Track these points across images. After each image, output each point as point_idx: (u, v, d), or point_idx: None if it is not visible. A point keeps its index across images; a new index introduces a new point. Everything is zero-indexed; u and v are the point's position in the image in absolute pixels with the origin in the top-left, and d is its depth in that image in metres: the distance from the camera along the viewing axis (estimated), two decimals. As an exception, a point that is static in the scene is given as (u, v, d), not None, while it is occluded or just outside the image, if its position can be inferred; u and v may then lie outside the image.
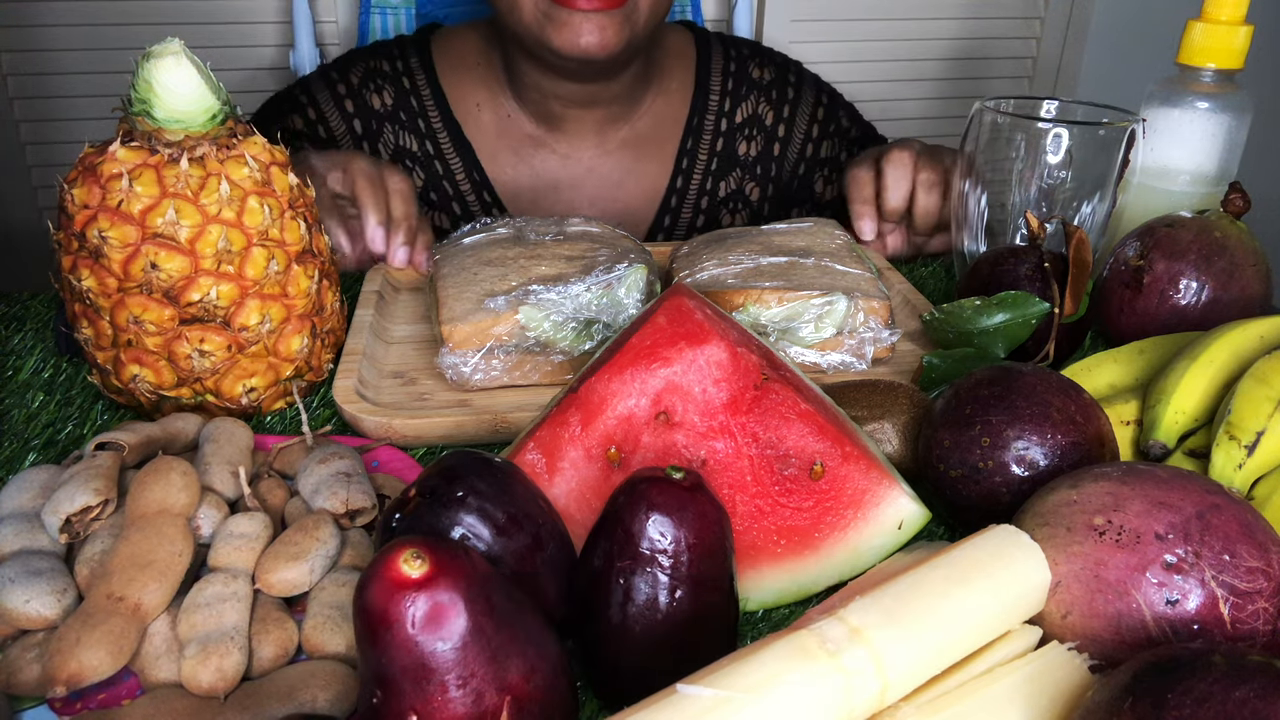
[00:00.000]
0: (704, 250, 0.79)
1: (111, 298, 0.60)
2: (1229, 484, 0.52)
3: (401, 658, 0.35)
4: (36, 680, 0.44)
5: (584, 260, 0.73)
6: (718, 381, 0.52)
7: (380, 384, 0.69)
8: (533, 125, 1.06)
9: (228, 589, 0.46)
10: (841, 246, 0.78)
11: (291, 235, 0.63)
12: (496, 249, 0.76)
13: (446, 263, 0.75)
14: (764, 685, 0.34)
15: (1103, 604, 0.42)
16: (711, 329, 0.53)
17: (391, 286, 0.83)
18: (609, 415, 0.52)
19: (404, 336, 0.77)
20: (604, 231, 0.79)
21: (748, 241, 0.78)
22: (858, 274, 0.74)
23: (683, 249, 0.82)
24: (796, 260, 0.75)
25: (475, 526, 0.43)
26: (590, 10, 0.89)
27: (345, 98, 1.05)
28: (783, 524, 0.51)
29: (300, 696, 0.42)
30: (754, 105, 1.11)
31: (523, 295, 0.67)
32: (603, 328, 0.68)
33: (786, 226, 0.82)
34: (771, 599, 0.51)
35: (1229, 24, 0.78)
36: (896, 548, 0.52)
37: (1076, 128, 0.76)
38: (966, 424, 0.52)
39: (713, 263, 0.75)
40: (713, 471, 0.52)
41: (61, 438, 0.64)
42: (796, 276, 0.72)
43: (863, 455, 0.52)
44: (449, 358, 0.67)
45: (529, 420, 0.62)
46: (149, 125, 0.59)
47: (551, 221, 0.80)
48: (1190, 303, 0.69)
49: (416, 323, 0.79)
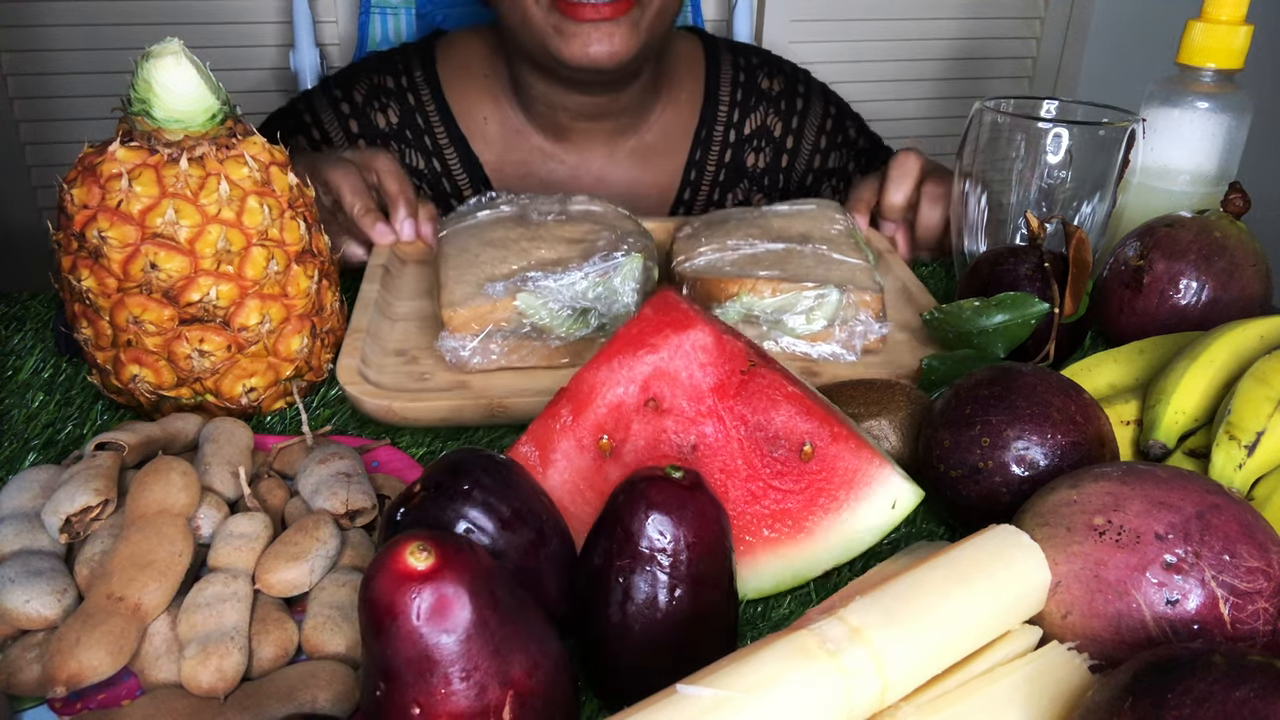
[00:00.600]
0: (704, 232, 0.79)
1: (111, 298, 0.60)
2: (1229, 484, 0.52)
3: (406, 649, 0.35)
4: (36, 680, 0.44)
5: (584, 244, 0.74)
6: (704, 366, 0.52)
7: (383, 362, 0.71)
8: (541, 137, 1.05)
9: (228, 589, 0.46)
10: (841, 233, 0.78)
11: (291, 235, 0.64)
12: (499, 229, 0.76)
13: (450, 241, 0.76)
14: (764, 685, 0.34)
15: (1103, 604, 0.42)
16: (696, 315, 0.53)
17: (398, 259, 0.84)
18: (599, 404, 0.53)
19: (408, 313, 0.78)
20: (606, 210, 0.80)
21: (748, 225, 0.79)
22: (854, 263, 0.74)
23: (684, 229, 0.82)
24: (794, 248, 0.75)
25: (480, 521, 0.43)
26: (598, 20, 0.89)
27: (349, 117, 1.04)
28: (776, 507, 0.51)
29: (300, 697, 0.42)
30: (762, 117, 1.10)
31: (520, 282, 0.69)
32: (598, 315, 0.69)
33: (788, 208, 0.82)
34: (769, 585, 0.51)
35: (1229, 24, 0.78)
36: (891, 528, 0.52)
37: (1076, 128, 0.76)
38: (966, 424, 0.52)
39: (711, 247, 0.75)
40: (703, 456, 0.52)
41: (61, 438, 0.64)
42: (792, 266, 0.73)
43: (851, 435, 0.52)
44: (448, 341, 0.68)
45: (525, 406, 0.64)
46: (148, 125, 0.59)
47: (555, 200, 0.80)
48: (1190, 303, 0.69)
49: (421, 298, 0.80)
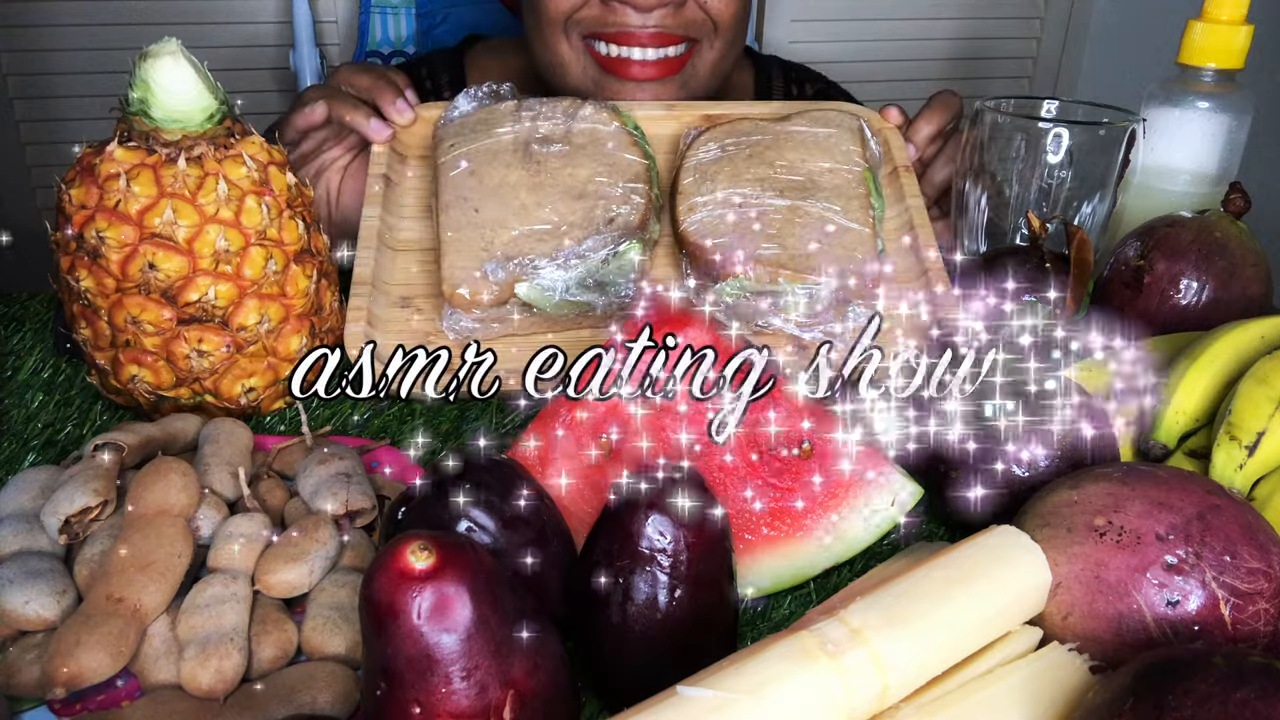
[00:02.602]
0: (712, 170, 0.75)
1: (109, 298, 0.60)
2: (1229, 484, 0.52)
3: (407, 648, 0.35)
4: (36, 681, 0.44)
5: (585, 202, 0.71)
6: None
7: (388, 316, 0.71)
8: None
9: (227, 590, 0.46)
10: (854, 178, 0.75)
11: (290, 235, 0.63)
12: (498, 167, 0.73)
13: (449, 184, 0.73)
14: (764, 686, 0.34)
15: (1103, 605, 0.42)
16: (693, 314, 0.53)
17: (398, 156, 0.79)
18: (598, 403, 0.53)
19: (410, 240, 0.75)
20: (612, 132, 0.76)
21: (757, 161, 0.75)
22: (857, 231, 0.71)
23: (693, 155, 0.77)
24: (798, 206, 0.72)
25: (481, 520, 0.43)
26: (643, 80, 0.85)
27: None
28: (776, 505, 0.51)
29: (300, 698, 0.42)
30: None
31: (520, 268, 0.69)
32: (597, 302, 0.70)
33: (806, 128, 0.78)
34: (769, 584, 0.51)
35: (1229, 24, 0.78)
36: (891, 525, 0.52)
37: (1076, 128, 0.76)
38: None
39: (716, 198, 0.73)
40: (702, 455, 0.52)
41: (61, 438, 0.64)
42: (792, 241, 0.70)
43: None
44: (452, 319, 0.69)
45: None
46: (146, 125, 0.59)
47: (560, 114, 0.77)
48: (1190, 303, 0.69)
49: (422, 216, 0.77)
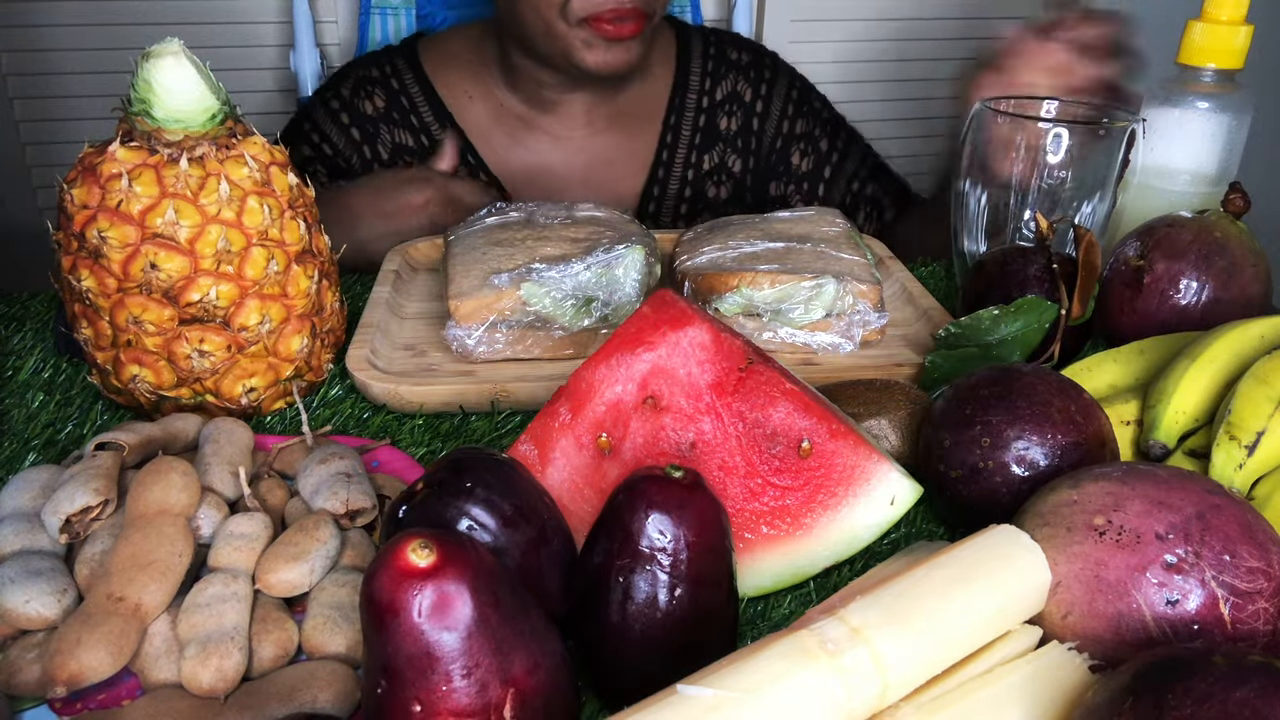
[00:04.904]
0: (706, 236, 0.81)
1: (111, 298, 0.60)
2: (1229, 484, 0.52)
3: (407, 646, 0.36)
4: (36, 681, 0.44)
5: (588, 242, 0.75)
6: (702, 363, 0.52)
7: (392, 355, 0.72)
8: (524, 109, 1.11)
9: (228, 589, 0.46)
10: (840, 233, 0.80)
11: (291, 235, 0.63)
12: (506, 230, 0.78)
13: (459, 243, 0.78)
14: (764, 685, 0.34)
15: (1103, 604, 0.42)
16: (694, 313, 0.53)
17: (409, 266, 0.86)
18: (597, 402, 0.53)
19: (418, 313, 0.80)
20: (610, 216, 0.82)
21: (749, 228, 0.80)
22: (852, 259, 0.75)
23: (687, 234, 0.84)
24: (793, 246, 0.76)
25: (482, 518, 0.43)
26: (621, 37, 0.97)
27: (340, 111, 1.11)
28: (775, 504, 0.51)
29: (300, 697, 0.42)
30: (733, 84, 1.16)
31: (525, 273, 0.70)
32: (601, 304, 0.71)
33: (789, 215, 0.84)
34: (769, 583, 0.51)
35: (1229, 24, 0.78)
36: (891, 524, 0.52)
37: (1076, 128, 0.76)
38: (966, 424, 0.52)
39: (713, 247, 0.77)
40: (702, 454, 0.52)
41: (61, 438, 0.64)
42: (791, 261, 0.74)
43: (849, 432, 0.52)
44: (454, 330, 0.70)
45: (528, 391, 0.66)
46: (148, 125, 0.59)
47: (562, 207, 0.83)
48: (1190, 303, 0.69)
49: (431, 300, 0.82)
